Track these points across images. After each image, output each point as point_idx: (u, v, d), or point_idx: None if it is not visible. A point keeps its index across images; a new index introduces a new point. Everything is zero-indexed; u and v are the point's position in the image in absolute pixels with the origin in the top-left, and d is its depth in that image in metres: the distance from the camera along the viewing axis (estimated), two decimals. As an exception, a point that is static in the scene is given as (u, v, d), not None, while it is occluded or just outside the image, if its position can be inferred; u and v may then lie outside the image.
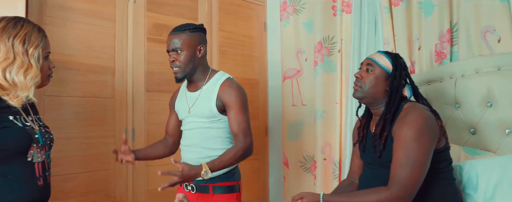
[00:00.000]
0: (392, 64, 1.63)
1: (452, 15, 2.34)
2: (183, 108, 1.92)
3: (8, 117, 1.32)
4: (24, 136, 1.33)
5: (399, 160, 1.46)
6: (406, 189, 1.42)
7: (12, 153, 1.31)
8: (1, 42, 1.30)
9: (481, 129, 2.06)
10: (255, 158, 3.16)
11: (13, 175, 1.31)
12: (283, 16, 3.10)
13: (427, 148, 1.47)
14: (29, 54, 1.33)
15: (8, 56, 1.29)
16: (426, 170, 1.47)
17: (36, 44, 1.35)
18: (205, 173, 1.66)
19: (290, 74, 3.06)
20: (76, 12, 2.24)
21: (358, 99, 1.71)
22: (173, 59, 1.82)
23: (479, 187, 1.70)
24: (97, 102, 2.29)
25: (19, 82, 1.30)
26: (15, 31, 1.32)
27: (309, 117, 2.93)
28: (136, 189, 2.39)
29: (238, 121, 1.79)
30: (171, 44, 1.83)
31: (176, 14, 2.68)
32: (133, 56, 2.45)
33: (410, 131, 1.47)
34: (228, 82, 1.86)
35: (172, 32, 1.85)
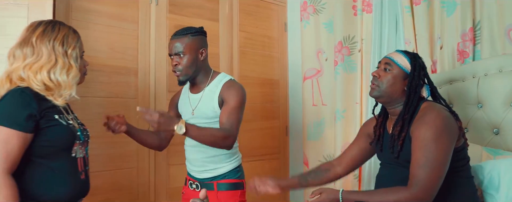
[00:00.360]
0: (411, 64, 1.62)
1: (475, 13, 2.31)
2: (187, 109, 1.95)
3: (54, 116, 1.41)
4: (69, 133, 1.43)
5: (418, 161, 1.45)
6: (426, 189, 1.42)
7: (59, 150, 1.41)
8: (42, 46, 1.39)
9: (505, 129, 2.03)
10: (276, 158, 3.18)
11: (59, 169, 1.40)
12: (304, 16, 3.10)
13: (446, 148, 1.46)
14: (68, 55, 1.43)
15: (51, 58, 1.39)
16: (446, 170, 1.46)
17: (74, 45, 1.45)
18: (179, 127, 1.63)
19: (310, 74, 3.06)
20: (100, 15, 2.30)
21: (375, 98, 1.70)
22: (176, 63, 1.85)
23: (501, 187, 1.68)
24: (120, 102, 2.35)
25: (63, 81, 1.40)
26: (54, 34, 1.41)
27: (329, 117, 2.93)
28: (157, 187, 2.45)
29: (231, 113, 1.80)
30: (174, 48, 1.86)
31: (197, 15, 2.72)
32: (155, 58, 2.50)
33: (428, 131, 1.46)
34: (229, 83, 1.89)
35: (174, 37, 1.88)
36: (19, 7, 1.94)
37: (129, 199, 2.34)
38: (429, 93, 1.65)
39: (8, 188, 1.26)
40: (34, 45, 1.38)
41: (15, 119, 1.30)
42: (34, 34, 1.40)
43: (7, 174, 1.28)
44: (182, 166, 2.06)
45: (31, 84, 1.37)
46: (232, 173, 1.93)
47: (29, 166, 1.35)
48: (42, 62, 1.38)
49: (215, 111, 1.86)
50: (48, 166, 1.39)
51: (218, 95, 1.86)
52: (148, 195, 2.41)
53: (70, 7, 2.19)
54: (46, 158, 1.38)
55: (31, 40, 1.39)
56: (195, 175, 1.95)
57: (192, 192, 1.94)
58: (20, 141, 1.30)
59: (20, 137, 1.30)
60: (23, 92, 1.34)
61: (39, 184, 1.36)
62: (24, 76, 1.37)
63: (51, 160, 1.39)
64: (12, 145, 1.29)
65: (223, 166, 1.91)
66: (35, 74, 1.37)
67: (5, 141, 1.28)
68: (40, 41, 1.39)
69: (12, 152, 1.29)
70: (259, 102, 3.06)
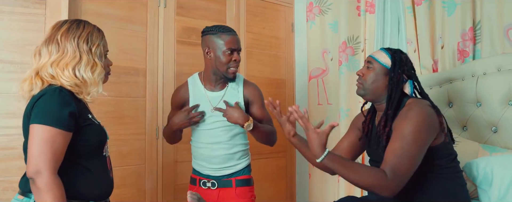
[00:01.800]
0: (391, 60, 1.66)
1: (475, 13, 2.33)
2: (205, 107, 1.96)
3: (88, 115, 1.44)
4: (101, 132, 1.46)
5: (394, 150, 1.47)
6: (399, 180, 1.43)
7: (93, 149, 1.43)
8: (67, 43, 1.39)
9: (503, 127, 2.05)
10: (282, 156, 3.24)
11: (95, 168, 1.42)
12: (309, 17, 3.16)
13: (423, 142, 1.49)
14: (93, 53, 1.43)
15: (76, 55, 1.39)
16: (418, 164, 1.48)
17: (98, 43, 1.45)
18: (248, 125, 1.84)
19: (316, 74, 3.12)
20: (110, 18, 2.40)
21: (361, 96, 1.75)
22: (240, 59, 1.94)
23: (494, 183, 1.72)
24: (129, 101, 2.45)
25: (88, 78, 1.40)
26: (79, 31, 1.42)
27: (334, 116, 2.98)
28: (165, 183, 2.54)
29: (264, 113, 2.00)
30: (238, 43, 1.93)
31: (205, 17, 2.80)
32: (163, 58, 2.59)
33: (409, 124, 1.49)
34: (248, 82, 2.03)
35: (233, 32, 1.92)
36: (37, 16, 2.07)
37: (137, 195, 2.44)
38: (411, 89, 1.66)
39: (57, 187, 1.25)
40: (59, 43, 1.39)
41: (59, 117, 1.29)
42: (59, 32, 1.40)
43: (55, 174, 1.26)
44: (190, 163, 2.11)
45: (61, 81, 1.37)
46: (247, 169, 2.03)
47: (68, 165, 1.33)
48: (68, 59, 1.38)
49: (242, 107, 1.96)
50: (85, 166, 1.39)
51: (242, 94, 1.97)
52: (156, 192, 2.50)
53: (81, 10, 2.30)
54: (83, 158, 1.39)
55: (56, 37, 1.39)
56: (212, 173, 1.98)
57: (206, 191, 1.96)
58: (64, 140, 1.30)
59: (64, 136, 1.29)
60: (62, 91, 1.34)
61: (78, 184, 1.36)
62: (53, 73, 1.37)
63: (87, 160, 1.40)
64: (58, 144, 1.27)
65: (241, 162, 2.00)
66: (62, 71, 1.37)
67: (52, 140, 1.26)
68: (65, 38, 1.39)
69: (58, 151, 1.28)
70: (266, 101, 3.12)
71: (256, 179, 3.00)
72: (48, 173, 1.24)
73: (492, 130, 2.10)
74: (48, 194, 1.23)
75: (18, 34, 2.08)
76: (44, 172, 1.24)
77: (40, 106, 1.31)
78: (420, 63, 2.49)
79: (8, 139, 2.04)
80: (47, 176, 1.24)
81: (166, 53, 2.61)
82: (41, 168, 1.24)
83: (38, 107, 1.31)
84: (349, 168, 1.48)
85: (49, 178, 1.24)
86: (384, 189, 1.42)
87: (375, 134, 1.69)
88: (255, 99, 1.99)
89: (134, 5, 2.50)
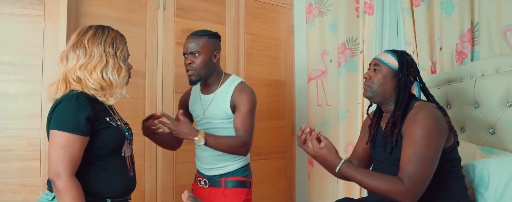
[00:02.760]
0: (398, 62, 1.66)
1: (473, 14, 2.33)
2: (198, 110, 2.02)
3: (106, 118, 1.50)
4: (119, 134, 1.52)
5: (409, 157, 1.47)
6: (417, 186, 1.44)
7: (110, 151, 1.50)
8: (94, 47, 1.47)
9: (500, 129, 2.05)
10: (282, 157, 3.25)
11: (112, 168, 1.49)
12: (309, 18, 3.17)
13: (436, 146, 1.49)
14: (118, 56, 1.51)
15: (103, 59, 1.47)
16: (435, 168, 1.49)
17: (122, 48, 1.54)
18: (199, 140, 1.77)
19: (315, 75, 3.13)
20: (109, 20, 2.41)
21: (369, 99, 1.75)
22: (190, 62, 1.92)
23: (490, 185, 1.71)
24: (129, 102, 2.46)
25: (115, 81, 1.48)
26: (104, 36, 1.50)
27: (333, 117, 2.98)
28: (164, 184, 2.55)
29: (245, 119, 1.89)
30: (189, 48, 1.92)
31: (204, 19, 2.81)
32: (162, 60, 2.60)
33: (419, 129, 1.49)
34: (241, 86, 1.96)
35: (191, 36, 1.95)
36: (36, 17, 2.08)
37: (137, 196, 2.44)
38: (419, 90, 1.68)
39: (75, 188, 1.35)
40: (86, 47, 1.46)
41: (76, 123, 1.37)
42: (86, 37, 1.48)
43: (72, 176, 1.36)
44: (189, 164, 2.15)
45: (87, 84, 1.44)
46: (240, 171, 2.00)
47: (84, 166, 1.42)
48: (95, 62, 1.45)
49: (226, 112, 1.93)
50: (101, 166, 1.47)
51: (230, 98, 1.93)
52: (155, 193, 2.51)
53: (80, 13, 2.32)
54: (99, 159, 1.47)
55: (83, 42, 1.47)
56: (204, 172, 2.02)
57: (200, 188, 2.02)
58: (80, 144, 1.38)
59: (81, 141, 1.38)
60: (78, 97, 1.41)
61: (94, 183, 1.44)
62: (80, 76, 1.44)
63: (104, 161, 1.48)
64: (74, 148, 1.37)
65: (232, 164, 1.98)
66: (90, 74, 1.44)
67: (69, 145, 1.36)
68: (92, 43, 1.47)
69: (74, 155, 1.37)
70: (265, 102, 3.13)
71: (255, 179, 3.01)
72: (66, 176, 1.35)
73: (490, 131, 2.10)
74: (67, 195, 1.34)
75: (17, 35, 2.09)
76: (62, 175, 1.34)
77: (58, 112, 1.40)
78: (419, 64, 2.49)
79: (6, 140, 2.05)
80: (65, 179, 1.34)
81: (165, 55, 2.62)
82: (60, 171, 1.34)
83: (57, 113, 1.40)
84: (366, 175, 1.51)
85: (67, 180, 1.34)
86: (402, 196, 1.43)
87: (381, 135, 1.69)
88: (240, 104, 1.91)
89: (134, 7, 2.52)
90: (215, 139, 1.81)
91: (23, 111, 2.09)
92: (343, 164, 1.52)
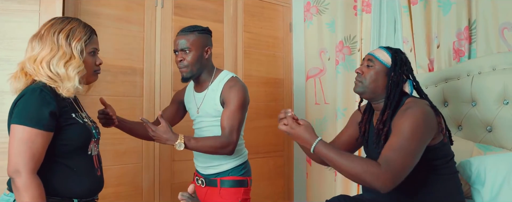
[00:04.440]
0: (392, 59, 1.65)
1: (470, 12, 2.34)
2: (193, 108, 2.00)
3: (72, 114, 1.43)
4: (85, 131, 1.45)
5: (392, 145, 1.44)
6: (393, 173, 1.38)
7: (76, 148, 1.42)
8: (48, 37, 1.38)
9: (497, 127, 2.06)
10: (280, 155, 3.25)
11: (78, 167, 1.42)
12: (307, 16, 3.17)
13: (421, 140, 1.47)
14: (72, 47, 1.40)
15: (52, 48, 1.37)
16: (416, 162, 1.45)
17: (79, 38, 1.42)
18: (179, 144, 1.71)
19: (313, 73, 3.13)
20: (108, 18, 2.41)
21: (359, 94, 1.73)
22: (181, 59, 1.87)
23: (487, 182, 1.72)
24: (126, 100, 2.46)
25: (62, 73, 1.37)
26: (61, 26, 1.41)
27: (331, 115, 2.99)
28: (162, 182, 2.55)
29: (231, 117, 1.82)
30: (180, 44, 1.88)
31: (202, 17, 2.81)
32: (160, 58, 2.60)
33: (407, 121, 1.48)
34: (231, 82, 1.90)
35: (180, 33, 1.91)
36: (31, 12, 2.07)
37: (134, 194, 2.45)
38: (411, 89, 1.66)
39: (35, 187, 1.27)
40: (41, 38, 1.39)
41: (38, 118, 1.30)
42: (44, 27, 1.41)
43: (33, 174, 1.28)
44: (187, 161, 2.14)
45: (39, 77, 1.36)
46: (236, 170, 1.95)
47: (48, 164, 1.34)
48: (44, 53, 1.37)
49: (218, 110, 1.89)
50: (66, 164, 1.40)
51: (219, 95, 1.88)
52: (152, 190, 2.51)
53: (79, 10, 2.32)
54: (63, 157, 1.39)
55: (40, 32, 1.40)
56: (201, 171, 2.00)
57: (198, 187, 1.98)
58: (43, 140, 1.30)
59: (44, 136, 1.30)
60: (42, 91, 1.33)
61: (58, 182, 1.37)
62: (31, 69, 1.37)
63: (69, 158, 1.40)
64: (36, 144, 1.29)
65: (227, 162, 1.93)
66: (38, 67, 1.36)
67: (30, 140, 1.28)
68: (47, 33, 1.39)
69: (37, 151, 1.29)
70: (263, 100, 3.13)
71: (253, 177, 3.01)
72: (26, 173, 1.27)
73: (487, 129, 2.11)
74: (26, 193, 1.26)
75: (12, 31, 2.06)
76: (22, 172, 1.27)
77: (20, 106, 1.32)
78: (416, 62, 2.49)
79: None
80: (25, 176, 1.27)
81: (163, 53, 2.62)
82: (20, 168, 1.27)
83: (19, 107, 1.33)
84: (341, 155, 1.43)
85: (27, 178, 1.27)
86: (376, 179, 1.36)
87: (373, 133, 1.68)
88: (229, 101, 1.85)
89: (131, 5, 2.52)
90: (196, 141, 1.76)
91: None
92: (319, 142, 1.44)
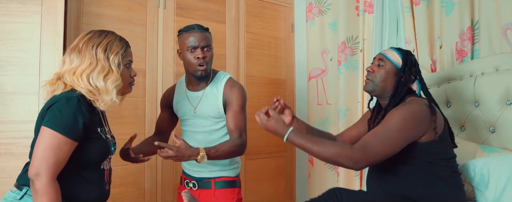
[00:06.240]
0: (403, 60, 1.69)
1: (473, 12, 2.33)
2: (187, 108, 1.94)
3: (97, 129, 1.47)
4: (105, 148, 1.49)
5: (376, 132, 1.51)
6: (367, 156, 1.45)
7: (92, 161, 1.46)
8: (86, 51, 1.42)
9: (500, 128, 2.05)
10: (282, 156, 3.25)
11: (89, 179, 1.45)
12: (309, 17, 3.17)
13: (406, 132, 1.51)
14: (110, 61, 1.44)
15: (92, 63, 1.41)
16: (394, 152, 1.49)
17: (117, 51, 1.46)
18: (202, 157, 1.67)
19: (316, 74, 3.13)
20: (110, 19, 2.42)
21: (369, 93, 1.78)
22: (205, 56, 1.83)
23: (490, 184, 1.71)
24: (129, 101, 2.46)
25: (101, 87, 1.41)
26: (99, 40, 1.45)
27: (333, 116, 2.99)
28: (164, 182, 2.56)
29: (237, 119, 1.84)
30: (205, 40, 1.84)
31: (204, 18, 2.81)
32: (163, 59, 2.61)
33: (397, 114, 1.53)
34: (231, 82, 1.91)
35: (199, 29, 1.85)
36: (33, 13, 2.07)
37: (137, 194, 2.46)
38: (419, 89, 1.70)
39: (54, 192, 1.29)
40: (80, 51, 1.42)
41: (71, 127, 1.33)
42: (82, 41, 1.45)
43: (53, 179, 1.30)
44: (189, 162, 2.12)
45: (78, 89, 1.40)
46: (230, 171, 1.94)
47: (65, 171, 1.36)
48: (84, 67, 1.41)
49: (219, 112, 1.88)
50: (80, 174, 1.42)
51: (221, 95, 1.87)
52: (155, 191, 2.52)
53: (81, 11, 2.32)
54: (79, 166, 1.41)
55: (78, 46, 1.44)
56: (192, 174, 1.96)
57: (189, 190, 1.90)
58: (70, 148, 1.34)
59: (71, 145, 1.34)
60: (80, 101, 1.37)
61: (72, 190, 1.39)
62: (70, 81, 1.40)
63: (83, 169, 1.43)
64: (63, 152, 1.32)
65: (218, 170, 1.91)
66: (78, 79, 1.40)
67: (59, 147, 1.31)
68: (85, 46, 1.43)
69: (61, 158, 1.32)
70: (265, 101, 3.13)
71: (256, 178, 3.04)
72: (47, 178, 1.29)
73: (490, 130, 2.10)
74: (44, 196, 1.28)
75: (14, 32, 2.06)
76: (43, 175, 1.29)
77: (56, 111, 1.34)
78: (419, 63, 2.49)
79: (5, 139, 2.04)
80: (45, 180, 1.29)
81: (166, 53, 2.62)
82: (42, 171, 1.29)
83: (54, 111, 1.34)
84: (314, 142, 1.50)
85: (47, 182, 1.29)
86: (348, 159, 1.43)
87: None
88: (232, 102, 1.86)
89: (134, 6, 2.52)
90: (215, 150, 1.73)
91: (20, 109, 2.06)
92: (291, 132, 1.51)
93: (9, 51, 2.04)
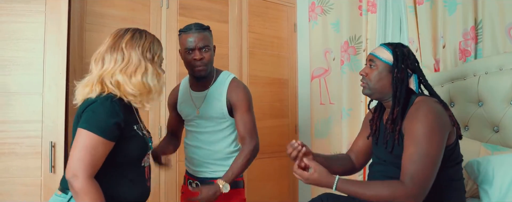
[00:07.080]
0: (393, 56, 1.60)
1: (477, 12, 2.33)
2: (190, 108, 1.93)
3: (134, 126, 1.47)
4: (144, 145, 1.49)
5: (410, 156, 1.43)
6: (420, 185, 1.39)
7: (133, 159, 1.47)
8: (132, 51, 1.42)
9: (504, 127, 2.05)
10: (285, 155, 3.20)
11: (132, 176, 1.46)
12: (312, 17, 3.17)
13: (439, 143, 1.44)
14: (155, 62, 1.47)
15: (141, 64, 1.42)
16: (438, 166, 1.44)
17: (159, 54, 1.50)
18: (224, 187, 1.73)
19: (318, 73, 3.13)
20: (113, 19, 2.42)
21: (368, 96, 1.71)
22: (202, 57, 1.81)
23: (495, 182, 1.71)
24: (132, 101, 2.46)
25: (154, 86, 1.44)
26: (142, 41, 1.45)
27: (336, 115, 2.98)
28: (168, 182, 2.55)
29: (245, 121, 1.83)
30: (203, 41, 1.80)
31: (207, 17, 2.81)
32: (166, 59, 2.60)
33: (421, 126, 1.44)
34: (235, 83, 1.88)
35: (197, 29, 1.82)
36: (37, 13, 2.07)
37: (141, 194, 2.46)
38: (416, 84, 1.62)
39: (94, 190, 1.30)
40: (124, 51, 1.41)
41: (105, 127, 1.33)
42: (123, 40, 1.43)
43: (91, 178, 1.31)
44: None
45: (125, 88, 1.39)
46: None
47: (104, 170, 1.37)
48: (134, 67, 1.41)
49: (223, 113, 1.86)
50: (121, 172, 1.43)
51: (225, 96, 1.85)
52: (158, 190, 2.52)
53: (85, 11, 2.32)
54: (119, 166, 1.42)
55: (120, 45, 1.42)
56: (195, 174, 1.95)
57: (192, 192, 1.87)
58: (105, 148, 1.34)
59: (106, 145, 1.34)
60: (113, 101, 1.37)
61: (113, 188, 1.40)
62: (119, 80, 1.39)
63: (124, 168, 1.44)
64: (99, 152, 1.32)
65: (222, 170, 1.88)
66: (129, 78, 1.40)
67: (93, 147, 1.31)
68: (130, 47, 1.42)
69: (97, 158, 1.32)
70: (268, 100, 3.13)
71: (259, 178, 3.04)
72: (83, 178, 1.30)
73: (494, 129, 2.10)
74: (86, 196, 1.29)
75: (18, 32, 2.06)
76: (80, 176, 1.30)
77: (90, 112, 1.35)
78: (422, 62, 2.49)
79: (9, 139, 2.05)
80: (82, 180, 1.29)
81: (169, 53, 2.62)
82: (78, 172, 1.30)
83: (88, 113, 1.35)
84: (364, 186, 1.47)
85: (84, 182, 1.29)
86: (405, 198, 1.39)
87: (383, 131, 1.66)
88: (238, 104, 1.85)
89: (137, 6, 2.52)
90: (232, 173, 1.78)
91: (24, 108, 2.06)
92: (338, 181, 1.47)
93: (13, 51, 2.05)
